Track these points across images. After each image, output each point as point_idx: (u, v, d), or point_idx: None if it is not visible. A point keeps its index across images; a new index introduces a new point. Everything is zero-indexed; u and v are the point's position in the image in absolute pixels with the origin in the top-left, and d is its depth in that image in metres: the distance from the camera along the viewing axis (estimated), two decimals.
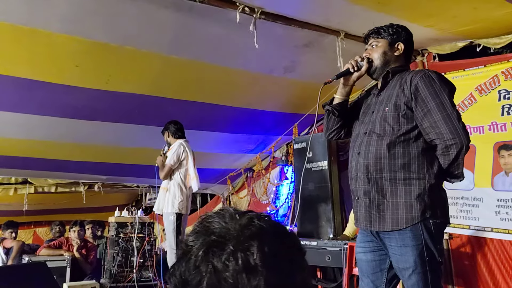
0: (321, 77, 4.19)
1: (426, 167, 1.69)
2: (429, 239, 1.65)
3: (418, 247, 1.65)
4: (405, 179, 1.68)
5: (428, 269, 1.65)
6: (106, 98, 4.06)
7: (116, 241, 4.14)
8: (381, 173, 1.72)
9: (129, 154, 5.52)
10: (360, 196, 1.79)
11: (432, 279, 1.66)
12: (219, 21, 3.16)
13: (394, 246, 1.70)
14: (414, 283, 1.67)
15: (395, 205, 1.68)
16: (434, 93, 1.66)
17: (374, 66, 1.86)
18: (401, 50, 1.85)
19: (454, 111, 1.66)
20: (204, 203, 8.49)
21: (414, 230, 1.65)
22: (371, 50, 1.88)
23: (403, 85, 1.74)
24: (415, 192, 1.66)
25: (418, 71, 1.78)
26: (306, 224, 4.51)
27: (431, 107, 1.65)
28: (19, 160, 5.42)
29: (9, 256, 4.96)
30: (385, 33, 1.85)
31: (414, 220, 1.65)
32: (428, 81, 1.68)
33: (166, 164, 3.59)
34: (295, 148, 4.92)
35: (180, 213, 3.52)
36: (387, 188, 1.70)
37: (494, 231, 3.21)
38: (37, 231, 9.87)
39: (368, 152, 1.76)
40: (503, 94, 3.29)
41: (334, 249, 3.13)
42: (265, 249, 0.64)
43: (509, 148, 3.21)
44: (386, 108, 1.76)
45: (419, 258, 1.64)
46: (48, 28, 3.03)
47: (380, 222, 1.71)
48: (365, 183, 1.75)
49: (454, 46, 3.69)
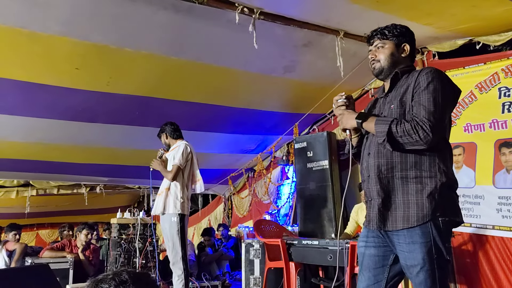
0: (320, 77, 4.24)
1: (437, 165, 1.68)
2: (438, 236, 1.64)
3: (427, 245, 1.64)
4: (416, 177, 1.67)
5: (436, 266, 1.64)
6: (107, 100, 4.07)
7: (118, 243, 4.15)
8: (392, 172, 1.71)
9: (130, 155, 5.53)
10: (373, 197, 1.77)
11: (440, 277, 1.65)
12: (218, 22, 3.17)
13: (402, 243, 1.69)
14: (422, 281, 1.66)
15: (406, 204, 1.68)
16: (431, 89, 1.66)
17: (380, 67, 1.84)
18: (408, 51, 1.85)
19: (441, 109, 1.65)
20: (206, 204, 8.50)
21: (423, 228, 1.64)
22: (376, 51, 1.85)
23: (409, 83, 1.74)
24: (427, 190, 1.65)
25: (425, 68, 1.77)
26: (308, 223, 4.51)
27: (423, 100, 1.66)
28: (21, 163, 5.44)
29: (12, 258, 4.97)
30: (390, 34, 1.84)
31: (425, 218, 1.64)
32: (430, 77, 1.68)
33: (173, 165, 3.47)
34: (295, 147, 4.92)
35: (182, 214, 3.49)
36: (399, 187, 1.70)
37: (496, 228, 3.21)
38: (40, 233, 9.91)
39: (379, 152, 1.74)
40: (503, 92, 3.29)
41: (335, 249, 3.13)
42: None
43: (510, 146, 3.21)
44: (392, 105, 1.76)
45: (427, 256, 1.63)
46: (47, 31, 3.04)
47: (392, 221, 1.70)
48: (377, 184, 1.74)
49: (453, 44, 3.69)
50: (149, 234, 4.23)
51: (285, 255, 3.54)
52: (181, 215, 3.48)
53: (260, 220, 5.37)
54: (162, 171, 3.53)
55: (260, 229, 4.08)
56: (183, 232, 3.48)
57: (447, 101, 1.69)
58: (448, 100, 1.70)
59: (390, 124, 1.65)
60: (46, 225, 9.86)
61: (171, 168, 3.49)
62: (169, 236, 3.47)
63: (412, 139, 1.62)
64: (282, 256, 3.54)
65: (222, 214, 7.87)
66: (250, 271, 4.24)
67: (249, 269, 4.25)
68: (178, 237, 3.43)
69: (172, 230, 3.45)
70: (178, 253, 3.43)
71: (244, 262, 4.30)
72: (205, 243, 6.14)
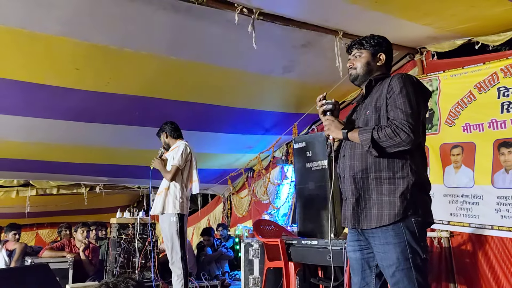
0: (319, 77, 4.24)
1: (409, 166, 1.76)
2: (411, 237, 1.72)
3: (400, 245, 1.71)
4: (389, 178, 1.76)
5: (412, 266, 1.71)
6: (106, 100, 4.08)
7: (118, 242, 4.15)
8: (366, 173, 1.80)
9: (130, 155, 5.54)
10: (348, 196, 1.88)
11: (417, 276, 1.71)
12: (217, 22, 3.17)
13: (377, 244, 1.78)
14: (398, 280, 1.72)
15: (380, 203, 1.76)
16: (404, 92, 1.76)
17: (356, 74, 1.97)
18: (383, 60, 1.97)
19: (417, 111, 1.74)
20: (205, 203, 8.51)
21: (396, 229, 1.72)
22: (354, 60, 1.99)
23: (382, 90, 1.85)
24: (399, 190, 1.73)
25: (396, 74, 1.87)
26: (307, 223, 4.51)
27: (399, 103, 1.75)
28: (21, 162, 5.45)
29: (12, 258, 4.98)
30: (367, 44, 1.97)
31: (396, 217, 1.71)
32: (401, 81, 1.79)
33: (172, 165, 3.46)
34: (295, 147, 4.92)
35: (182, 214, 3.50)
36: (373, 187, 1.79)
37: (495, 228, 3.21)
38: (40, 233, 9.91)
39: (354, 154, 1.85)
40: (502, 91, 3.29)
41: (334, 248, 3.14)
42: None
43: (509, 146, 3.21)
44: (367, 111, 1.88)
45: (401, 255, 1.71)
46: (47, 31, 3.05)
47: (367, 220, 1.79)
48: (352, 184, 1.84)
49: (452, 44, 3.69)
50: (148, 234, 4.23)
51: (284, 255, 3.55)
52: (180, 215, 3.48)
53: (259, 220, 5.38)
54: (162, 171, 3.54)
55: (260, 229, 4.08)
56: (183, 232, 3.49)
57: (420, 103, 1.79)
58: (420, 101, 1.80)
59: (372, 132, 1.74)
60: (46, 225, 9.87)
61: (170, 169, 3.50)
62: (169, 236, 3.47)
63: (395, 142, 1.70)
64: (281, 256, 3.54)
65: (222, 214, 7.88)
66: (250, 271, 4.24)
67: (249, 269, 4.26)
68: (177, 237, 3.44)
69: (172, 230, 3.45)
70: (178, 253, 3.44)
71: (243, 262, 4.31)
72: (204, 243, 6.15)
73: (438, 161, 3.64)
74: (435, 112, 3.70)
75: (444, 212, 3.57)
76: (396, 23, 3.33)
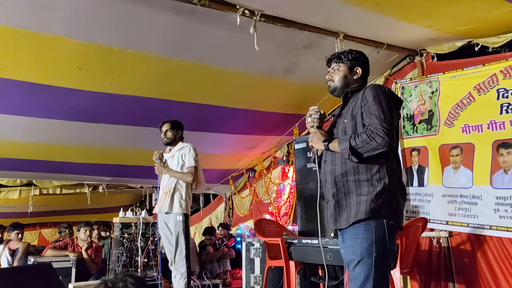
0: (321, 78, 4.23)
1: (385, 169, 1.88)
2: (380, 236, 1.80)
3: (367, 241, 1.80)
4: (367, 180, 1.87)
5: (374, 264, 1.78)
6: (110, 101, 4.12)
7: (120, 241, 4.18)
8: (346, 176, 1.91)
9: (133, 155, 5.58)
10: (329, 199, 1.99)
11: (376, 276, 1.78)
12: (219, 24, 3.21)
13: (347, 239, 1.88)
14: (356, 275, 1.80)
15: (358, 202, 1.86)
16: (377, 100, 1.88)
17: (334, 86, 2.11)
18: (359, 74, 2.10)
19: (389, 116, 1.86)
20: (207, 203, 8.54)
21: (366, 226, 1.82)
22: (333, 73, 2.11)
23: (357, 100, 1.97)
24: (377, 190, 1.84)
25: (369, 85, 2.01)
26: (308, 223, 4.54)
27: (373, 110, 1.88)
28: (24, 162, 5.48)
29: (15, 257, 5.01)
30: (345, 59, 2.09)
31: (370, 213, 1.81)
32: (374, 91, 1.91)
33: (190, 167, 3.53)
34: (296, 148, 4.95)
35: (187, 214, 3.55)
36: (353, 190, 1.89)
37: (493, 228, 3.24)
38: (43, 232, 9.96)
39: (334, 159, 1.96)
40: (501, 93, 3.31)
41: (335, 247, 3.17)
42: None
43: (508, 146, 3.23)
44: (345, 120, 2.00)
45: (366, 251, 1.79)
46: (51, 32, 3.09)
47: (342, 219, 1.90)
48: (333, 187, 1.95)
49: (452, 46, 3.72)
50: (151, 233, 4.27)
51: (285, 254, 3.58)
52: (186, 215, 3.54)
53: (260, 219, 5.40)
54: (173, 174, 3.56)
55: (261, 228, 4.11)
56: (188, 231, 3.54)
57: (392, 110, 1.91)
58: (393, 108, 1.92)
59: (350, 140, 1.86)
60: (49, 224, 9.91)
61: (188, 170, 3.54)
62: (174, 235, 3.51)
63: (371, 146, 1.81)
64: (282, 255, 3.58)
65: (223, 214, 7.91)
66: (251, 270, 4.28)
67: (250, 268, 4.29)
68: (183, 236, 3.49)
69: (178, 228, 3.49)
70: (183, 251, 3.48)
71: (244, 261, 4.35)
72: (206, 242, 6.19)
73: (437, 161, 3.67)
74: (435, 113, 3.73)
75: (443, 212, 3.60)
76: (397, 25, 3.36)
